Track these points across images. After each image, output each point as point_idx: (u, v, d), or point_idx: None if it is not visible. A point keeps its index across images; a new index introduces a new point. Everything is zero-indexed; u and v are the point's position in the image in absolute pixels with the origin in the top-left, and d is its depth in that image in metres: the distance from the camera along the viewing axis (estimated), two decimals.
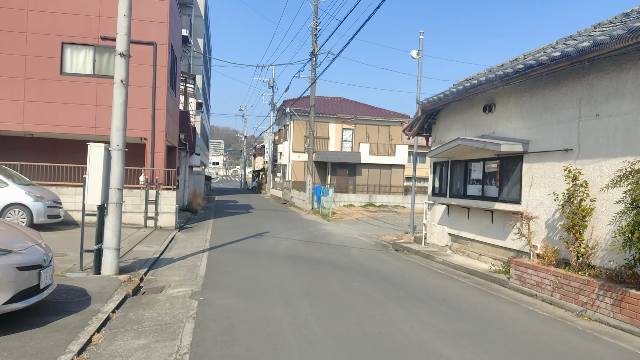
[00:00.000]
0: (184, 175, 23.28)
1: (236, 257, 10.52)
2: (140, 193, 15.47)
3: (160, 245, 11.74)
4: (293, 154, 37.93)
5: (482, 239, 10.64)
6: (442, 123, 12.67)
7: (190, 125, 22.97)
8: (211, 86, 72.80)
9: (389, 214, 24.78)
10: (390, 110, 41.30)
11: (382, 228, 18.43)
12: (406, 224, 20.17)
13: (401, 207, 29.70)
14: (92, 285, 7.14)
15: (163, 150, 16.24)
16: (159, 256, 10.31)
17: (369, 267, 9.92)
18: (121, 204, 8.19)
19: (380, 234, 16.24)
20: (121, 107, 8.31)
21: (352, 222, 20.67)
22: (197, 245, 12.15)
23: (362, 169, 38.38)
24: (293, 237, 14.48)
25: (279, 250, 11.80)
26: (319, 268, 9.53)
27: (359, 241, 14.46)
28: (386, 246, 13.76)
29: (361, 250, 12.55)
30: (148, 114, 16.01)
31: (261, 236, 14.43)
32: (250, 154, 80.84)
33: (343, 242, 14.03)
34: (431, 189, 13.15)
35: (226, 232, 15.20)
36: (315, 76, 28.28)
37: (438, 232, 12.46)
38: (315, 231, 16.78)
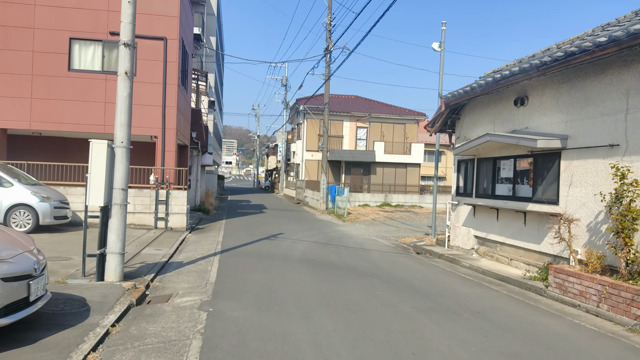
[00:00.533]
0: (196, 175, 22.79)
1: (249, 261, 9.90)
2: (150, 193, 14.96)
3: (170, 247, 11.18)
4: (306, 153, 37.32)
5: (513, 242, 9.88)
6: (467, 118, 11.91)
7: (202, 124, 22.47)
8: (224, 85, 72.47)
9: (406, 214, 24.02)
10: (406, 108, 40.47)
11: (400, 229, 17.69)
12: (425, 225, 19.41)
13: (418, 207, 28.89)
14: (93, 294, 6.56)
15: (174, 148, 15.71)
16: (167, 260, 9.73)
17: (391, 273, 9.22)
18: (126, 205, 7.62)
19: (399, 236, 15.51)
20: (126, 101, 7.74)
21: (369, 222, 19.97)
22: (208, 248, 11.57)
23: (376, 167, 37.61)
24: (308, 239, 13.83)
25: (294, 253, 11.15)
26: (337, 274, 8.85)
27: (378, 243, 13.75)
28: (407, 249, 13.04)
29: (381, 253, 11.84)
30: (158, 112, 15.49)
31: (275, 238, 13.81)
32: (263, 153, 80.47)
33: (361, 244, 13.34)
34: (455, 188, 12.39)
35: (239, 234, 14.61)
36: (329, 73, 27.63)
37: (463, 234, 11.71)
38: (331, 232, 16.12)
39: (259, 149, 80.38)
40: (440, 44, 13.53)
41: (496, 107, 10.66)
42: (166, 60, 15.53)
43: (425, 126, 12.86)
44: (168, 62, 15.60)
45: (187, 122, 19.61)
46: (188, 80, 19.44)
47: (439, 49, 13.55)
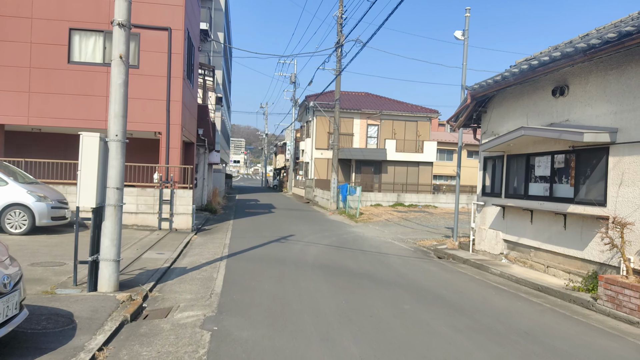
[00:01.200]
0: (203, 173, 22.01)
1: (258, 267, 9.05)
2: (154, 192, 14.17)
3: (173, 251, 10.36)
4: (316, 151, 36.44)
5: (550, 248, 8.93)
6: (495, 112, 10.96)
7: (209, 120, 21.68)
8: (232, 83, 71.62)
9: (420, 214, 23.07)
10: (418, 105, 39.46)
11: (416, 231, 16.76)
12: (442, 226, 18.47)
13: (432, 206, 27.91)
14: (82, 308, 5.73)
15: (179, 145, 14.91)
16: (169, 266, 8.90)
17: (415, 281, 8.32)
18: (121, 207, 6.79)
19: (417, 238, 14.59)
20: (120, 89, 6.93)
21: (383, 223, 19.06)
22: (214, 252, 10.73)
23: (387, 166, 36.67)
24: (321, 242, 12.95)
25: (306, 258, 10.28)
26: (357, 282, 7.97)
27: (395, 247, 12.85)
28: (427, 253, 12.13)
29: (400, 258, 10.94)
30: (162, 106, 14.69)
31: (285, 240, 12.95)
32: (271, 152, 79.74)
33: (377, 247, 12.44)
34: (481, 187, 11.45)
35: (247, 235, 13.78)
36: (340, 68, 26.75)
37: (490, 237, 10.78)
38: (344, 234, 15.23)
39: (267, 148, 79.66)
40: (464, 32, 12.57)
41: (530, 98, 9.71)
42: (170, 51, 14.72)
43: (447, 120, 11.93)
44: (173, 53, 14.79)
45: (194, 118, 18.82)
46: (194, 74, 18.64)
47: (462, 37, 12.60)
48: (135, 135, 16.46)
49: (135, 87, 14.60)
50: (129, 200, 14.05)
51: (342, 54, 26.76)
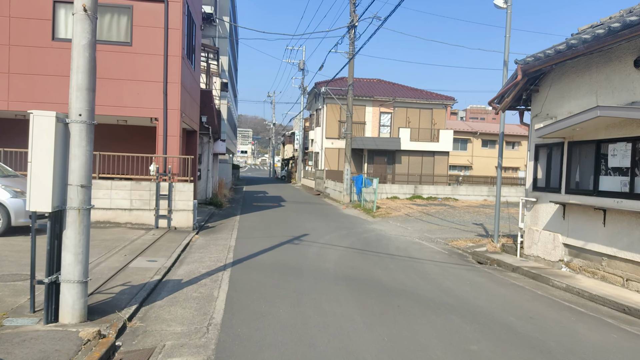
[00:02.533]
0: (207, 164, 20.39)
1: (269, 279, 7.39)
2: (150, 186, 12.55)
3: (168, 257, 8.73)
4: (326, 141, 34.70)
5: (630, 257, 7.19)
6: (552, 90, 9.16)
7: (213, 107, 20.00)
8: (239, 72, 69.64)
9: (441, 207, 21.32)
10: (433, 92, 37.54)
11: (443, 228, 15.03)
12: (469, 222, 16.72)
13: (452, 199, 26.13)
14: (29, 353, 4.12)
15: (178, 133, 13.24)
16: (161, 278, 7.28)
17: (467, 301, 6.62)
18: (89, 210, 5.14)
19: (447, 237, 12.87)
20: (85, 53, 5.28)
21: (403, 219, 17.34)
22: (217, 257, 9.10)
23: (401, 156, 34.89)
24: (339, 243, 11.28)
25: (326, 265, 8.61)
26: (395, 304, 6.29)
27: (426, 249, 11.14)
28: (464, 256, 10.43)
29: (437, 265, 9.24)
30: (159, 89, 13.01)
31: (299, 241, 11.30)
32: (279, 142, 78.04)
33: (406, 250, 10.74)
34: (531, 180, 9.69)
35: (255, 235, 12.14)
36: (353, 51, 24.91)
37: (545, 240, 9.04)
38: (364, 233, 13.55)
39: (274, 138, 77.98)
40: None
41: (601, 72, 7.90)
42: (167, 26, 13.00)
43: (490, 102, 10.15)
44: (170, 29, 13.07)
45: (196, 104, 17.14)
46: (196, 56, 16.92)
47: (505, 5, 10.77)
48: (130, 122, 14.83)
49: (128, 68, 12.95)
50: (122, 195, 12.45)
51: (355, 35, 24.89)
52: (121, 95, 12.90)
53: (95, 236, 10.56)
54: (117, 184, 12.46)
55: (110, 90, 12.84)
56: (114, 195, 12.45)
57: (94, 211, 12.32)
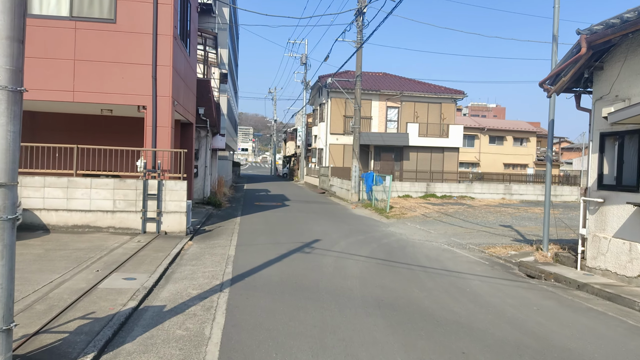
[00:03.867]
0: (205, 160, 18.67)
1: (279, 306, 5.69)
2: (137, 184, 10.84)
3: (152, 273, 7.03)
4: (330, 137, 32.98)
5: None
6: (625, 66, 7.42)
7: (211, 98, 18.27)
8: (239, 68, 67.60)
9: (459, 207, 19.61)
10: (441, 86, 35.80)
11: (470, 231, 13.32)
12: (495, 223, 15.00)
13: (468, 197, 24.41)
14: None
15: (169, 123, 11.53)
16: (138, 304, 5.58)
17: (548, 339, 4.92)
18: (13, 221, 3.41)
19: (479, 243, 11.16)
20: None
21: (421, 219, 15.64)
22: (212, 272, 7.40)
23: (409, 152, 33.21)
24: (358, 251, 9.58)
25: (349, 284, 6.91)
26: (458, 349, 4.58)
27: (460, 258, 9.44)
28: (508, 268, 8.73)
29: (482, 280, 7.53)
30: (147, 73, 11.29)
31: (310, 249, 9.59)
32: (281, 139, 76.34)
33: (439, 260, 9.04)
34: (595, 177, 7.96)
35: (258, 241, 10.45)
36: (362, 39, 23.20)
37: (617, 251, 7.33)
38: (383, 237, 11.85)
39: (276, 135, 76.25)
40: None
41: None
42: (157, 0, 11.27)
43: (541, 83, 8.42)
44: (160, 3, 11.33)
45: (192, 93, 15.42)
46: (191, 41, 15.20)
47: None
48: (117, 112, 13.12)
49: (112, 48, 11.22)
50: (104, 195, 10.75)
51: (363, 23, 23.16)
52: (103, 80, 11.19)
53: (67, 244, 8.88)
54: (98, 182, 10.76)
55: (91, 74, 11.12)
56: (94, 195, 10.74)
57: (70, 214, 10.64)
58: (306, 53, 46.46)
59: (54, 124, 13.97)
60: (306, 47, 45.46)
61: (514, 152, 50.98)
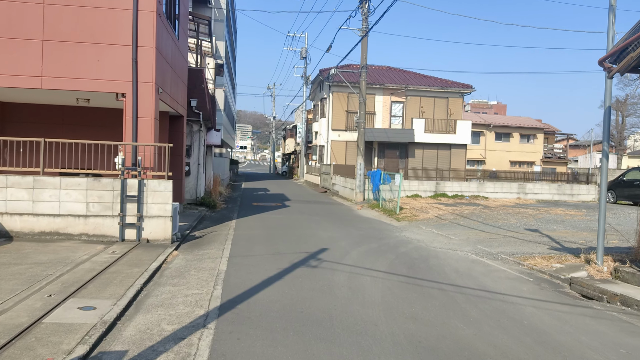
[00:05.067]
0: (198, 157, 17.12)
1: (280, 353, 4.17)
2: (114, 184, 9.31)
3: (118, 298, 5.51)
4: (332, 133, 31.45)
5: None
6: None
7: (205, 89, 16.73)
8: (237, 63, 65.92)
9: (474, 208, 18.09)
10: (448, 80, 34.29)
11: (496, 237, 11.81)
12: (519, 227, 13.47)
13: (482, 197, 22.88)
14: None
15: (152, 114, 9.97)
16: (88, 351, 4.06)
17: None
18: None
19: (512, 252, 9.64)
20: None
21: (436, 222, 14.11)
22: (196, 296, 5.88)
23: (415, 149, 31.74)
24: (375, 264, 8.05)
25: (370, 314, 5.38)
26: None
27: (496, 272, 7.91)
28: (556, 285, 7.21)
29: (536, 307, 6.01)
30: (126, 56, 9.74)
31: (317, 261, 8.07)
32: (280, 136, 74.78)
33: (472, 276, 7.52)
34: None
35: (255, 251, 8.92)
36: (367, 27, 21.66)
37: None
38: (399, 245, 10.33)
39: (274, 132, 74.69)
40: None
41: None
42: None
43: (601, 60, 6.90)
44: None
45: (182, 82, 13.87)
46: (181, 23, 13.65)
47: None
48: (95, 102, 11.57)
49: (86, 26, 9.67)
50: (75, 196, 9.22)
51: (369, 9, 21.61)
52: (76, 63, 9.64)
53: (27, 257, 7.37)
54: (68, 181, 9.22)
55: (62, 56, 9.58)
56: (65, 197, 9.21)
57: (37, 219, 9.12)
58: (306, 46, 44.91)
59: (25, 116, 12.41)
60: (306, 40, 43.95)
61: (521, 150, 49.46)
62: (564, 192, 24.59)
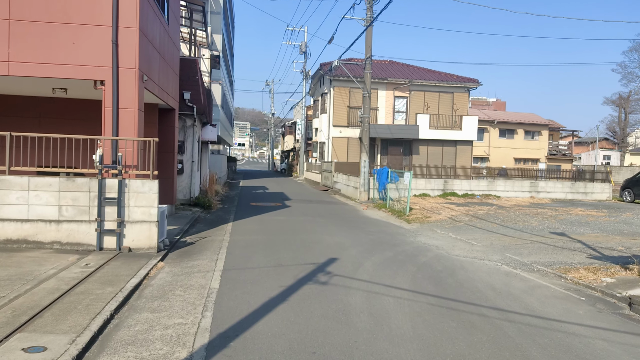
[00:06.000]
0: (191, 154, 15.88)
1: None
2: (90, 185, 8.08)
3: (79, 332, 4.29)
4: (333, 129, 30.20)
5: None
6: None
7: (199, 81, 15.49)
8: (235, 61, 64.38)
9: (488, 208, 16.90)
10: (453, 74, 33.05)
11: (522, 242, 10.61)
12: (546, 230, 12.26)
13: (493, 196, 21.69)
14: None
15: (136, 105, 8.72)
16: None
17: None
18: None
19: (548, 262, 8.45)
20: None
21: (450, 225, 12.92)
22: (178, 330, 4.66)
23: (419, 146, 30.53)
24: (394, 280, 6.85)
25: (403, 356, 4.19)
26: None
27: (538, 289, 6.71)
28: (611, 304, 6.02)
29: (606, 340, 4.81)
30: (106, 37, 8.50)
31: (326, 275, 6.86)
32: (279, 133, 73.52)
33: (512, 293, 6.32)
34: None
35: (253, 262, 7.71)
36: (372, 16, 20.42)
37: None
38: (417, 253, 9.12)
39: (273, 129, 73.40)
40: None
41: None
42: None
43: None
44: None
45: (173, 72, 12.62)
46: (170, 5, 12.40)
47: None
48: (73, 92, 10.32)
49: (59, 5, 8.43)
50: (46, 199, 7.99)
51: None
52: (48, 47, 8.41)
53: None
54: (39, 182, 7.99)
55: (32, 38, 8.34)
56: (34, 200, 7.98)
57: (3, 225, 7.93)
58: (305, 40, 43.64)
59: None
60: (305, 34, 42.58)
61: (525, 147, 48.29)
62: (577, 190, 23.41)
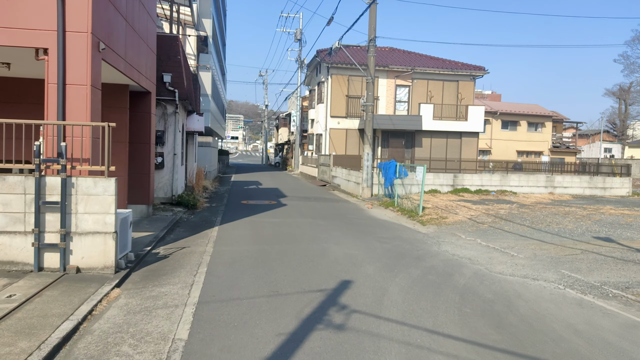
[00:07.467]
0: (173, 146, 13.84)
1: None
2: (25, 184, 6.10)
3: None
4: (331, 120, 28.22)
5: None
6: None
7: (181, 62, 13.45)
8: (227, 48, 61.98)
9: (508, 206, 15.04)
10: (458, 62, 31.10)
11: (570, 251, 8.75)
12: (588, 235, 10.41)
13: (510, 192, 19.82)
14: None
15: (88, 80, 6.70)
16: None
17: None
18: None
19: (619, 282, 6.61)
20: None
21: (473, 228, 11.04)
22: None
23: (422, 138, 28.67)
24: (436, 322, 4.97)
25: None
26: None
27: (634, 329, 4.86)
28: None
29: None
30: None
31: (342, 314, 4.96)
32: (272, 125, 71.31)
33: (607, 341, 4.47)
34: None
35: (240, 290, 5.77)
36: None
37: None
38: (451, 271, 7.24)
39: (267, 121, 71.21)
40: None
41: None
42: None
43: None
44: None
45: (147, 48, 10.58)
46: None
47: None
48: (19, 70, 8.28)
49: None
50: None
51: None
52: None
53: None
54: None
55: (15, 8, 6.30)
56: None
57: None
58: (301, 27, 41.55)
59: None
60: (301, 21, 40.46)
61: (528, 139, 46.56)
62: (595, 185, 21.65)
